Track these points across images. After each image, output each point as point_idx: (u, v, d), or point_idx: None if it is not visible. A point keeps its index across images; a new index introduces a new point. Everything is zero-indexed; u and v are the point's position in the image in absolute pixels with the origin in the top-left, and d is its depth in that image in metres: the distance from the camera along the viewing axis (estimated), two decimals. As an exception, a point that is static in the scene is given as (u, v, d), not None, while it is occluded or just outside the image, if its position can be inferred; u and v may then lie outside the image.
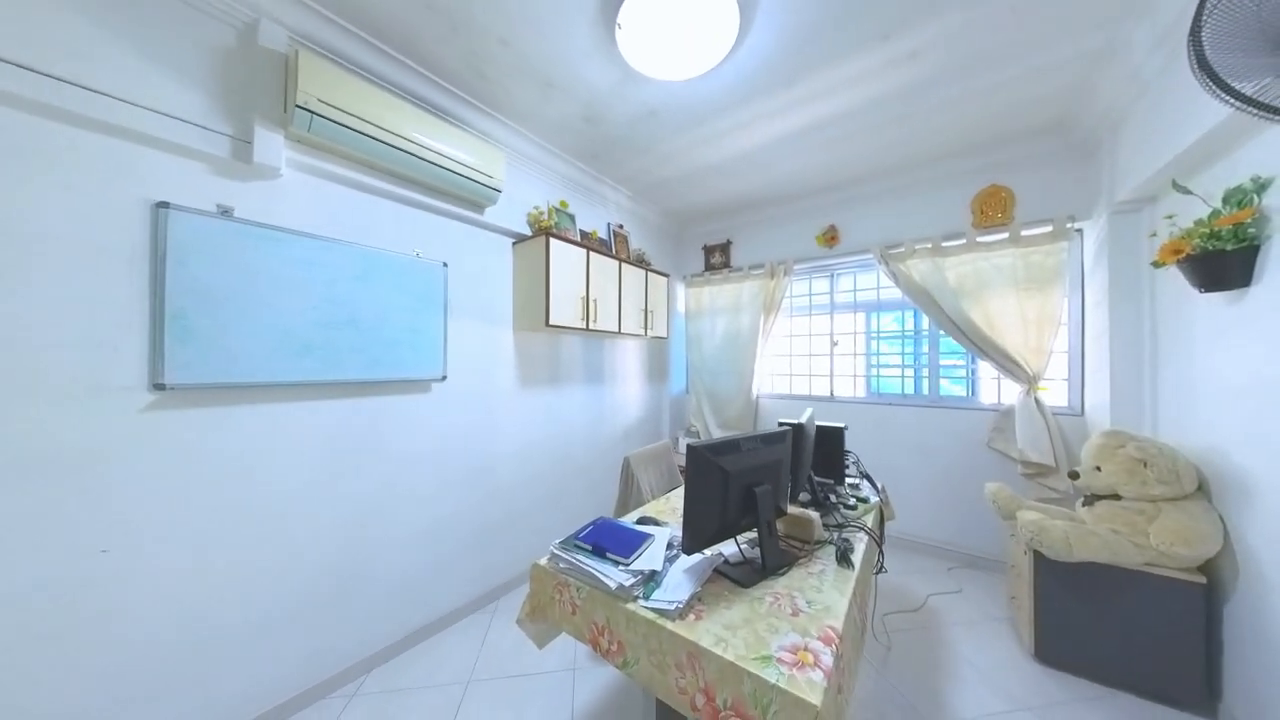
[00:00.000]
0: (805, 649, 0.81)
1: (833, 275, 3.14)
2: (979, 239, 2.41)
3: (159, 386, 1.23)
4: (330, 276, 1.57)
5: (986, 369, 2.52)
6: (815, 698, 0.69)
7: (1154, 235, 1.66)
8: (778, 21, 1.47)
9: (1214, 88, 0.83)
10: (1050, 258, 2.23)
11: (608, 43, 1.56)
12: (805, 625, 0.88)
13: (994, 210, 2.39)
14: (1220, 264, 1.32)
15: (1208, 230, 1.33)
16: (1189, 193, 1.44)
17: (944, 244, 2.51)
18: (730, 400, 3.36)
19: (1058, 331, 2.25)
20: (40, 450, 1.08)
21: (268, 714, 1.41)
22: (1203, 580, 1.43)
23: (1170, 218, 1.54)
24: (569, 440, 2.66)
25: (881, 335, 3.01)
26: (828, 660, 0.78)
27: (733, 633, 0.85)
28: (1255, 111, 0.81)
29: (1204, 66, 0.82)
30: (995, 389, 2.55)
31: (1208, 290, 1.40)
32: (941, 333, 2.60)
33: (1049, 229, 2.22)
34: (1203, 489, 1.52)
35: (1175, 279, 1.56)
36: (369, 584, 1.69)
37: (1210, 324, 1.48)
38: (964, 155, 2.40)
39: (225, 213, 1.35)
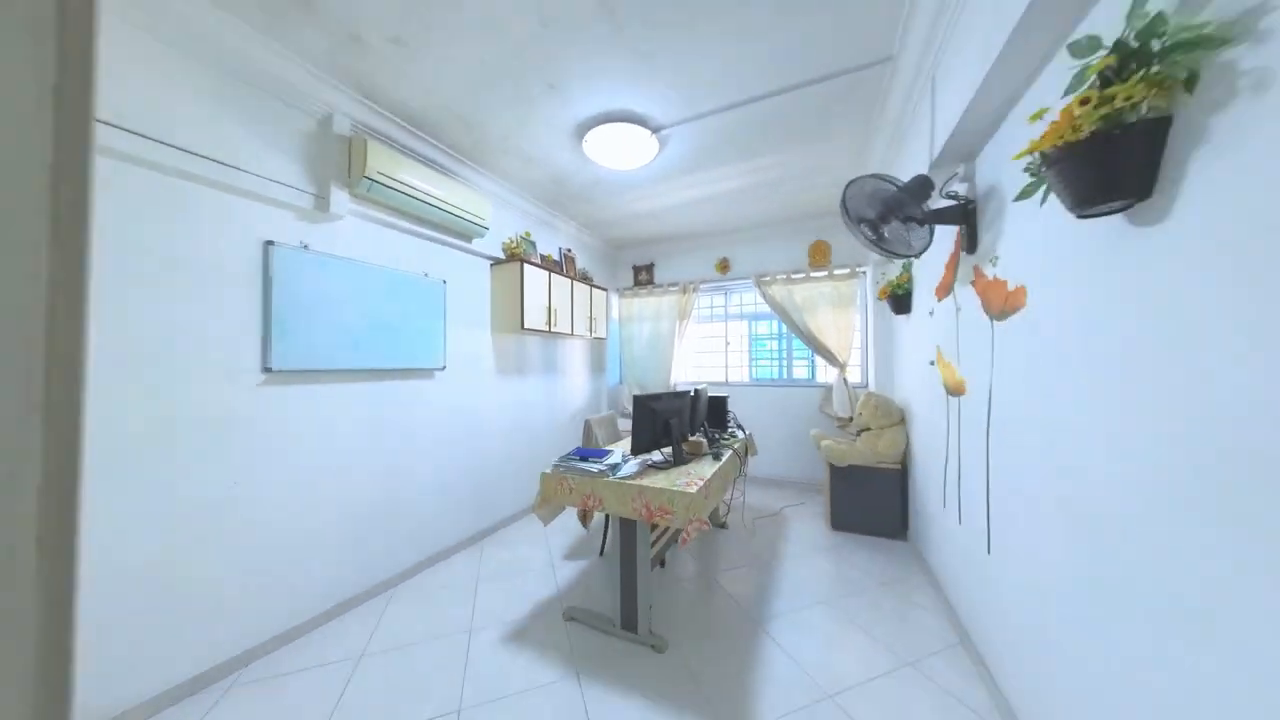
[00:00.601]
0: (690, 483, 1.73)
1: (726, 293, 4.27)
2: (811, 274, 3.67)
3: (268, 370, 1.77)
4: (370, 292, 2.16)
5: (820, 360, 3.80)
6: (693, 492, 1.61)
7: (879, 282, 2.96)
8: (681, 147, 2.43)
9: (856, 231, 1.92)
10: (849, 289, 3.54)
11: (575, 145, 2.38)
12: (691, 479, 1.81)
13: (820, 256, 3.67)
14: (899, 301, 2.57)
15: (894, 282, 2.57)
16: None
17: (793, 275, 3.73)
18: (655, 387, 4.32)
19: (854, 335, 3.57)
20: (197, 415, 1.59)
21: (341, 605, 1.98)
22: (900, 468, 2.70)
23: (884, 274, 2.82)
24: (532, 418, 3.38)
25: (758, 338, 4.20)
26: (700, 485, 1.71)
27: (658, 481, 1.75)
28: (873, 249, 1.92)
29: (851, 218, 1.91)
30: (824, 372, 3.84)
31: (897, 314, 2.67)
32: (794, 335, 3.83)
33: (848, 270, 3.53)
34: (904, 420, 2.81)
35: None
36: (399, 519, 2.29)
37: (901, 332, 2.78)
38: (804, 219, 3.64)
39: (305, 247, 1.91)
